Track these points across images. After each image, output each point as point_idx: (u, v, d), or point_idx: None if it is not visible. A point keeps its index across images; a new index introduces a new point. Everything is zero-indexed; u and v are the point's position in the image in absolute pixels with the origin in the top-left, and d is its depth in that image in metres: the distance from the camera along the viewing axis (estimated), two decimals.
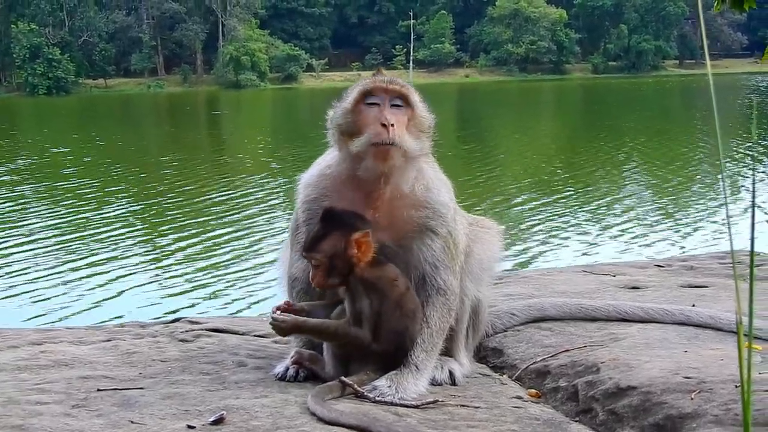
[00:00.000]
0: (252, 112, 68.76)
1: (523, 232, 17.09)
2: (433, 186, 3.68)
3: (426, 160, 3.73)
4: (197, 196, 22.51)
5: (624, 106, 58.83)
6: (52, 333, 4.60)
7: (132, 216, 20.06)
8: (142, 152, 35.26)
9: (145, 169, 28.57)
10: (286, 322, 3.48)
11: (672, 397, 3.24)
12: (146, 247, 16.76)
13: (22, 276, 14.26)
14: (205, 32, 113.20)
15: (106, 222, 19.08)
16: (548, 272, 6.47)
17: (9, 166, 29.77)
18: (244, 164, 29.43)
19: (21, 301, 12.81)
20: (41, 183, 25.95)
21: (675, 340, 4.07)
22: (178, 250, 16.29)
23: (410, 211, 3.62)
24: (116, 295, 13.07)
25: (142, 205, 21.59)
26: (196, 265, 15.02)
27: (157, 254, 16.06)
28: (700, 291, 5.24)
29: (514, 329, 4.51)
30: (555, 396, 3.73)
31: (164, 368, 3.80)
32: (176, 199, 22.02)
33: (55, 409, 3.17)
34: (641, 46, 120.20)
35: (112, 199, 22.37)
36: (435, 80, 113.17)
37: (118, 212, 20.43)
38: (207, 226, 18.37)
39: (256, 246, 16.38)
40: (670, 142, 32.65)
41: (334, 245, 3.47)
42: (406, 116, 3.53)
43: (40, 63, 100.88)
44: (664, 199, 21.12)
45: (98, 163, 30.65)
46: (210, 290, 13.34)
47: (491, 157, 30.28)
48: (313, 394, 3.24)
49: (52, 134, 44.81)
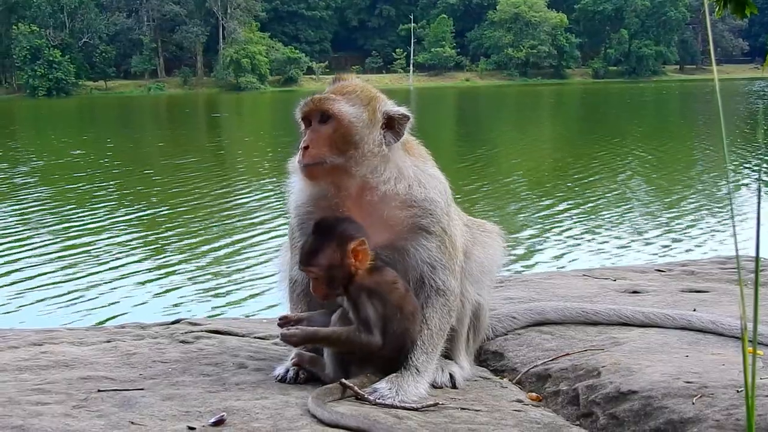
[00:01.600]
0: (252, 115, 68.80)
1: (524, 236, 17.10)
2: (418, 183, 3.66)
3: (411, 158, 3.72)
4: (198, 197, 22.52)
5: (625, 110, 58.91)
6: (53, 334, 4.58)
7: (135, 217, 20.05)
8: (142, 154, 35.27)
9: (146, 171, 28.56)
10: (297, 336, 3.48)
11: (673, 401, 3.24)
12: (147, 248, 16.75)
13: (23, 276, 14.26)
14: (205, 34, 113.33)
15: (109, 223, 19.08)
16: (549, 276, 6.46)
17: (11, 170, 29.77)
18: (244, 166, 29.46)
19: (22, 302, 12.81)
20: (42, 186, 25.94)
21: (676, 344, 4.07)
22: (179, 251, 16.29)
23: (397, 212, 3.61)
24: (117, 296, 13.08)
25: (144, 206, 21.59)
26: (197, 266, 15.03)
27: (158, 255, 16.05)
28: (701, 296, 5.24)
29: (515, 333, 4.51)
30: (556, 400, 3.72)
31: (164, 369, 3.79)
32: (178, 200, 22.03)
33: (55, 409, 3.17)
34: (642, 51, 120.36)
35: (114, 202, 22.37)
36: (435, 84, 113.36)
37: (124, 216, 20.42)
38: (209, 228, 18.38)
39: (257, 247, 16.38)
40: (671, 146, 32.69)
41: (330, 257, 3.47)
42: (330, 129, 3.57)
43: (41, 65, 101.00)
44: (665, 203, 21.14)
45: (100, 164, 30.64)
46: (211, 292, 13.35)
47: (491, 161, 30.30)
48: (314, 396, 3.23)
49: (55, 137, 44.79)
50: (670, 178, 25.31)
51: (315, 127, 3.58)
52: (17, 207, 21.77)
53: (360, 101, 3.62)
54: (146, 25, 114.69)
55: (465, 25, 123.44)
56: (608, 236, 17.12)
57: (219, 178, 26.26)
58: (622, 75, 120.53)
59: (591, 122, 49.70)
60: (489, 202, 21.14)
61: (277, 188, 23.57)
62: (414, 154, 3.75)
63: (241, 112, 71.98)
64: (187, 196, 22.82)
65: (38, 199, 22.94)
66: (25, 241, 17.16)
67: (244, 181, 25.50)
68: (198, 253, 16.16)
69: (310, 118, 3.61)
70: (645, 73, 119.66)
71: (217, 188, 24.22)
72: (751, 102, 60.15)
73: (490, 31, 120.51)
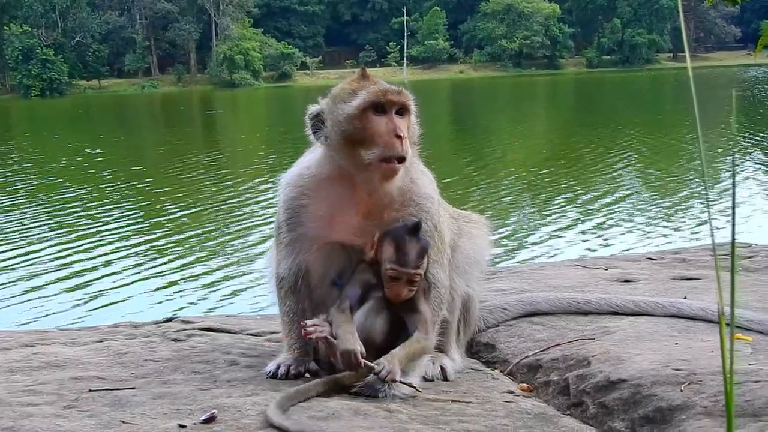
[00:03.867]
0: (247, 111, 68.77)
1: (516, 227, 17.11)
2: (417, 180, 3.68)
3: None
4: (191, 194, 22.50)
5: (617, 100, 58.91)
6: (45, 334, 4.59)
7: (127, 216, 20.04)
8: (135, 153, 35.24)
9: (139, 168, 28.53)
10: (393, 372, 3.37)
11: (662, 389, 3.25)
12: (142, 247, 16.73)
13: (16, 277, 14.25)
14: (198, 32, 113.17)
15: (101, 222, 19.06)
16: (541, 267, 6.48)
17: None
18: (238, 163, 29.44)
19: (14, 302, 12.80)
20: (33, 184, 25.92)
21: (666, 332, 4.08)
22: (171, 248, 16.28)
23: (394, 209, 3.62)
24: (111, 295, 13.06)
25: (135, 205, 21.58)
26: (190, 264, 15.02)
27: (152, 253, 16.03)
28: (692, 283, 5.25)
29: (506, 324, 4.52)
30: (546, 390, 3.73)
31: (156, 368, 3.80)
32: (170, 198, 22.01)
33: (46, 410, 3.17)
34: (635, 39, 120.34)
35: (105, 200, 22.35)
36: (429, 77, 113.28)
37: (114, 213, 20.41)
38: (203, 225, 18.37)
39: (251, 244, 16.37)
40: (663, 135, 32.67)
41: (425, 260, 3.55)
42: (407, 123, 3.56)
43: (34, 64, 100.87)
44: (657, 191, 21.14)
45: (90, 164, 30.60)
46: (205, 289, 13.34)
47: (483, 152, 30.28)
48: (278, 399, 3.18)
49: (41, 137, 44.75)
50: (664, 165, 25.31)
51: (395, 118, 3.53)
52: (7, 205, 21.75)
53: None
54: (139, 23, 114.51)
55: (458, 17, 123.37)
56: (601, 226, 17.12)
57: (213, 175, 26.22)
58: (615, 64, 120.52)
59: (585, 112, 49.71)
60: (482, 192, 21.13)
61: (273, 185, 23.58)
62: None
63: (236, 109, 71.89)
64: (181, 193, 22.80)
65: (30, 199, 22.91)
66: (18, 242, 17.14)
67: (239, 177, 25.47)
68: (192, 250, 16.14)
69: (387, 108, 3.54)
70: (638, 62, 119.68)
71: (211, 184, 24.20)
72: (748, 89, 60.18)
73: (483, 23, 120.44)
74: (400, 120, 3.51)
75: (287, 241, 3.73)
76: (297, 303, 3.75)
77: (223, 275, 14.17)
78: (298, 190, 3.70)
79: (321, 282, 3.73)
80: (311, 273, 3.72)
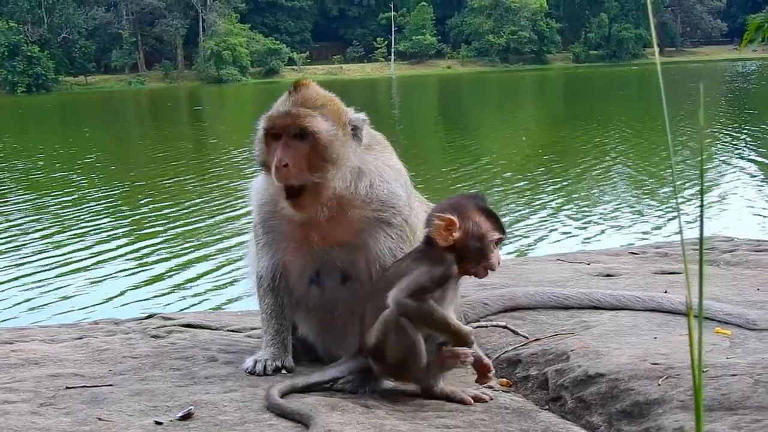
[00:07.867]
0: (234, 107, 68.54)
1: None
2: (379, 178, 3.62)
3: (371, 153, 3.66)
4: (173, 190, 22.44)
5: (604, 94, 59.00)
6: (25, 332, 4.57)
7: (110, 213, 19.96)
8: (119, 148, 35.15)
9: (123, 165, 28.45)
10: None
11: (639, 383, 3.26)
12: (124, 241, 16.66)
13: None
14: (185, 27, 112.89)
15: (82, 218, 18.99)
16: (523, 261, 6.49)
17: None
18: (224, 158, 29.36)
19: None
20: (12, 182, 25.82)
21: (645, 326, 4.09)
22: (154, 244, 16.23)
23: (358, 210, 3.59)
24: (92, 292, 12.99)
25: (118, 201, 21.50)
26: (174, 260, 14.96)
27: (135, 250, 15.96)
28: (673, 278, 5.26)
29: (487, 319, 4.52)
30: (525, 385, 3.73)
31: (134, 365, 3.79)
32: (152, 193, 21.95)
33: (22, 407, 3.16)
34: (622, 34, 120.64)
35: (86, 196, 22.26)
36: (417, 72, 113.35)
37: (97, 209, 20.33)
38: (186, 222, 18.31)
39: (235, 241, 16.31)
40: (647, 129, 32.72)
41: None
42: (308, 147, 3.44)
43: (20, 61, 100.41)
44: (640, 186, 21.18)
45: (76, 158, 30.48)
46: (186, 285, 13.29)
47: (468, 147, 30.27)
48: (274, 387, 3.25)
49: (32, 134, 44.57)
50: (648, 159, 25.34)
51: (289, 143, 3.43)
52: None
53: (332, 115, 3.50)
54: (125, 19, 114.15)
55: (445, 12, 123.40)
56: (583, 220, 17.12)
57: (197, 171, 26.13)
58: (602, 59, 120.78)
59: (570, 107, 49.76)
60: (465, 186, 21.09)
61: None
62: (373, 147, 3.70)
63: (223, 105, 71.70)
64: (165, 190, 22.73)
65: (10, 195, 22.80)
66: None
67: (223, 173, 25.41)
68: (175, 246, 16.08)
69: (282, 133, 3.46)
70: (625, 57, 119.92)
71: (194, 180, 24.13)
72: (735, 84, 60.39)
73: (470, 18, 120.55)
74: (295, 146, 3.42)
75: (264, 241, 3.74)
76: (276, 300, 3.74)
77: (204, 270, 14.11)
78: (267, 195, 3.69)
79: (299, 279, 3.73)
80: (289, 271, 3.72)
